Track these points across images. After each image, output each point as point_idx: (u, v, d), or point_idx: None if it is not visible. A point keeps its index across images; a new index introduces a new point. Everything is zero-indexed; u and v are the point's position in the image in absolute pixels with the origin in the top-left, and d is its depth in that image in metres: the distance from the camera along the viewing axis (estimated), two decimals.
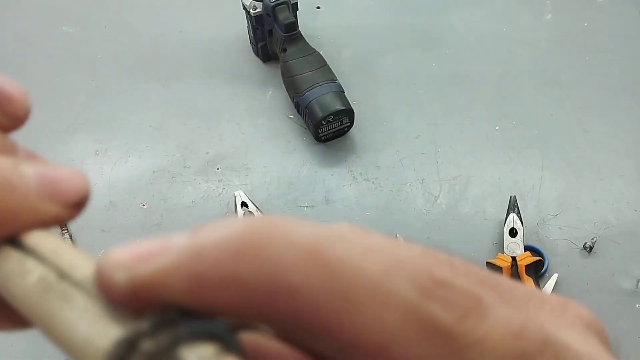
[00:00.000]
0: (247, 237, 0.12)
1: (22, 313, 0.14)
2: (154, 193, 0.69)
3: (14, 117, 0.15)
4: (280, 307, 0.12)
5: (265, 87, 0.80)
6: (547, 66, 0.81)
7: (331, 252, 0.12)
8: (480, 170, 0.70)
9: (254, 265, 0.11)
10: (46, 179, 0.14)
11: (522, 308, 0.13)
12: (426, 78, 0.80)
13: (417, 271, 0.12)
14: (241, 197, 0.66)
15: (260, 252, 0.12)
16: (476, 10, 0.89)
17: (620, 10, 0.88)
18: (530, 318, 0.13)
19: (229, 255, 0.12)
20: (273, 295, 0.11)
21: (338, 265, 0.12)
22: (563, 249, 0.63)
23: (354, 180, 0.70)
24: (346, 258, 0.12)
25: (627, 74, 0.80)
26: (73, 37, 0.87)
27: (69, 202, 0.14)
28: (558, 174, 0.70)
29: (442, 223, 0.66)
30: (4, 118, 0.15)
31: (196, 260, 0.12)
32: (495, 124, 0.75)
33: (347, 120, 0.71)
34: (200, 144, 0.74)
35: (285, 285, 0.11)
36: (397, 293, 0.12)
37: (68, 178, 0.14)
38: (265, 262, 0.11)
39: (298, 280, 0.11)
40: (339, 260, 0.12)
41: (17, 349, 0.57)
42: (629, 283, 0.61)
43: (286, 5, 0.74)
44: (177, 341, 0.11)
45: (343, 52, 0.83)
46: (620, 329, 0.58)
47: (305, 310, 0.11)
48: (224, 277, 0.11)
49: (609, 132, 0.73)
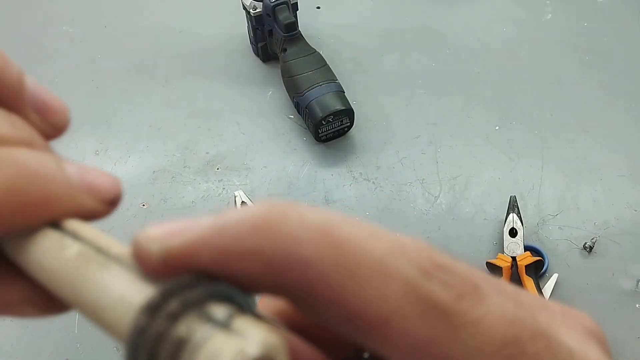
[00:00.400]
0: (266, 216, 0.13)
1: (53, 288, 0.15)
2: (154, 193, 0.69)
3: (55, 126, 0.18)
4: (294, 277, 0.13)
5: (265, 87, 0.80)
6: (547, 66, 0.81)
7: (339, 231, 0.13)
8: (480, 170, 0.70)
9: (271, 240, 0.13)
10: (85, 176, 0.16)
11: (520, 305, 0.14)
12: (426, 78, 0.80)
13: (418, 254, 0.13)
14: (241, 197, 0.66)
15: (277, 229, 0.13)
16: (476, 10, 0.89)
17: (620, 10, 0.88)
18: (527, 311, 0.14)
19: (249, 231, 0.13)
20: (287, 267, 0.13)
21: (345, 243, 0.13)
22: (563, 249, 0.63)
23: (354, 180, 0.70)
24: (353, 238, 0.13)
25: (627, 74, 0.80)
26: (73, 37, 0.87)
27: (105, 199, 0.16)
28: (558, 174, 0.70)
29: (442, 223, 0.66)
30: (47, 127, 0.18)
31: (221, 234, 0.13)
32: (495, 124, 0.75)
33: (347, 120, 0.71)
34: (200, 144, 0.74)
35: (298, 258, 0.13)
36: (399, 270, 0.13)
37: (103, 178, 0.16)
38: (281, 237, 0.13)
39: (310, 254, 0.13)
40: (347, 239, 0.13)
41: (17, 349, 0.57)
42: (629, 283, 0.61)
43: (286, 5, 0.74)
44: (202, 299, 0.13)
45: (343, 52, 0.83)
46: (620, 329, 0.58)
47: (315, 281, 0.13)
48: (245, 250, 0.13)
49: (609, 132, 0.73)
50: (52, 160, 0.15)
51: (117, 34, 0.88)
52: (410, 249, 0.13)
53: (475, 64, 0.82)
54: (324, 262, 0.13)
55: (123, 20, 0.91)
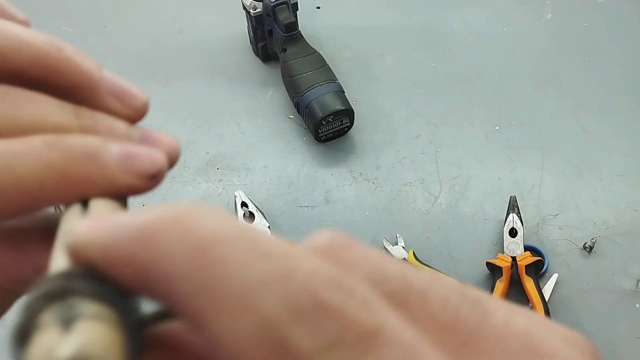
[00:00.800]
0: (152, 224, 0.13)
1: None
2: (154, 193, 0.68)
3: (135, 109, 0.20)
4: (161, 293, 0.12)
5: (265, 87, 0.80)
6: (547, 66, 0.81)
7: (218, 251, 0.12)
8: (480, 170, 0.70)
9: (146, 251, 0.12)
10: (127, 154, 0.17)
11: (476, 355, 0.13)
12: (426, 78, 0.80)
13: (299, 288, 0.11)
14: (241, 197, 0.66)
15: (153, 241, 0.12)
16: (476, 10, 0.89)
17: (620, 10, 0.88)
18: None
19: (130, 237, 0.13)
20: (154, 281, 0.12)
21: (219, 265, 0.12)
22: (563, 249, 0.63)
23: (354, 180, 0.70)
24: (230, 259, 0.12)
25: (627, 74, 0.80)
26: (73, 37, 0.87)
27: (143, 175, 0.17)
28: (558, 174, 0.70)
29: (442, 223, 0.66)
30: (128, 110, 0.20)
31: (112, 235, 0.13)
32: (495, 124, 0.75)
33: (347, 120, 0.71)
34: (200, 144, 0.74)
35: (164, 275, 0.12)
36: (259, 307, 0.11)
37: (146, 155, 0.18)
38: (154, 250, 0.12)
39: (176, 272, 0.12)
40: (221, 260, 0.12)
41: None
42: (629, 283, 0.61)
43: (286, 5, 0.74)
44: (63, 293, 0.13)
45: (343, 52, 0.83)
46: (620, 329, 0.58)
47: (178, 301, 0.12)
48: (121, 256, 0.13)
49: (609, 132, 0.73)
50: (97, 141, 0.17)
51: (117, 34, 0.88)
52: (293, 279, 0.11)
53: (475, 64, 0.82)
54: (188, 283, 0.12)
55: (123, 20, 0.91)
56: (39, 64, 0.18)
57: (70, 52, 0.19)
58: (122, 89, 0.20)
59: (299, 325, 0.11)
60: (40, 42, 0.18)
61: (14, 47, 0.17)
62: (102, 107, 0.19)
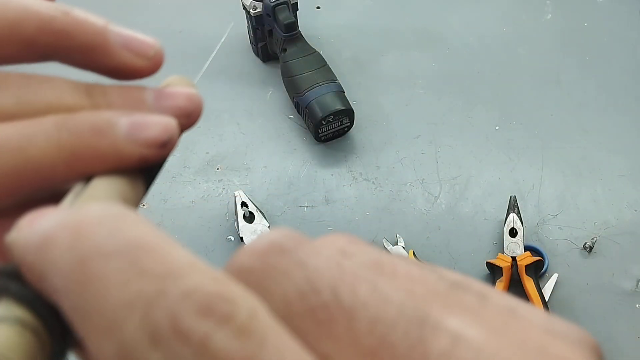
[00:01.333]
0: (50, 232, 0.12)
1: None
2: (154, 193, 0.69)
3: (148, 57, 0.20)
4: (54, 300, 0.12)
5: (265, 87, 0.80)
6: (547, 66, 0.81)
7: (97, 268, 0.12)
8: (480, 170, 0.70)
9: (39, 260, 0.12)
10: (136, 124, 0.17)
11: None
12: (426, 78, 0.80)
13: (162, 313, 0.11)
14: (241, 197, 0.66)
15: (47, 249, 0.12)
16: (476, 10, 0.89)
17: (620, 10, 0.88)
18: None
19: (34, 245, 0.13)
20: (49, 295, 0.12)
21: (94, 282, 0.11)
22: (563, 249, 0.63)
23: (354, 180, 0.70)
24: (107, 278, 0.11)
25: (627, 74, 0.80)
26: None
27: (153, 144, 0.17)
28: (558, 174, 0.70)
29: (442, 223, 0.66)
30: (141, 60, 0.20)
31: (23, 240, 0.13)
32: (495, 124, 0.75)
33: (347, 120, 0.71)
34: (200, 144, 0.74)
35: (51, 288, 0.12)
36: (121, 329, 0.11)
37: (155, 122, 0.17)
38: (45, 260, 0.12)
39: (56, 284, 0.12)
40: (97, 278, 0.11)
41: None
42: (629, 283, 0.61)
43: (286, 5, 0.74)
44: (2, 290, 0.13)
45: (343, 52, 0.83)
46: (620, 329, 0.58)
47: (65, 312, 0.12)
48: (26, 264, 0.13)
49: (609, 132, 0.73)
50: (106, 115, 0.17)
51: None
52: (162, 304, 0.11)
53: (475, 64, 0.82)
54: (68, 298, 0.12)
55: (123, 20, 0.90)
56: (48, 30, 0.18)
57: (76, 14, 0.19)
58: (133, 40, 0.20)
59: (155, 350, 0.11)
60: (47, 9, 0.18)
61: (22, 17, 0.17)
62: (116, 62, 0.19)
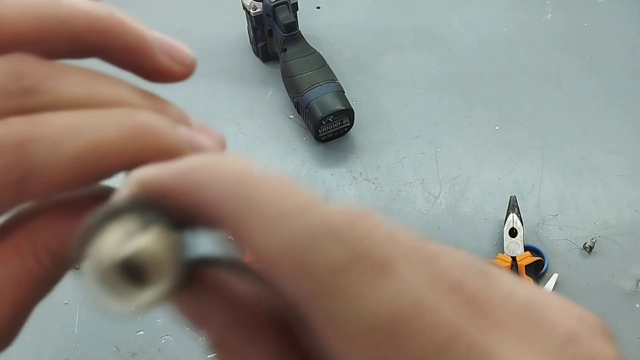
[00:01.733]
0: (198, 164, 0.15)
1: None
2: None
3: (184, 63, 0.22)
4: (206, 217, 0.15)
5: (265, 87, 0.80)
6: (547, 66, 0.81)
7: (254, 185, 0.15)
8: (480, 170, 0.70)
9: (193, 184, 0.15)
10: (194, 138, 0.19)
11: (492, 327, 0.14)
12: (426, 78, 0.80)
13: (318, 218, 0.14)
14: None
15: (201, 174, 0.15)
16: (476, 10, 0.89)
17: (620, 10, 0.88)
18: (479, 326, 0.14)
19: (183, 172, 0.15)
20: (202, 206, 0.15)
21: (254, 195, 0.14)
22: (563, 249, 0.63)
23: (354, 180, 0.70)
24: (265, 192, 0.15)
25: (627, 74, 0.80)
26: None
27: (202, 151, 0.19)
28: (558, 174, 0.70)
29: (442, 223, 0.66)
30: (177, 65, 0.21)
31: (167, 173, 0.15)
32: (495, 124, 0.75)
33: (347, 120, 0.71)
34: None
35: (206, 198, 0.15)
36: (284, 230, 0.13)
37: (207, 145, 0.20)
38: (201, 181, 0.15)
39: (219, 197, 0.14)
40: (257, 191, 0.15)
41: (17, 349, 0.57)
42: (629, 283, 0.61)
43: (286, 5, 0.74)
44: (124, 211, 0.15)
45: (343, 52, 0.83)
46: (620, 329, 0.58)
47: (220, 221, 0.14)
48: (175, 187, 0.15)
49: (609, 132, 0.73)
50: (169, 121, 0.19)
51: None
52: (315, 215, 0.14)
53: (475, 64, 0.82)
54: (230, 205, 0.14)
55: None
56: (95, 28, 0.19)
57: (121, 15, 0.20)
58: (173, 46, 0.21)
59: (317, 249, 0.13)
60: (94, 8, 0.19)
61: (73, 15, 0.18)
62: (156, 65, 0.21)
